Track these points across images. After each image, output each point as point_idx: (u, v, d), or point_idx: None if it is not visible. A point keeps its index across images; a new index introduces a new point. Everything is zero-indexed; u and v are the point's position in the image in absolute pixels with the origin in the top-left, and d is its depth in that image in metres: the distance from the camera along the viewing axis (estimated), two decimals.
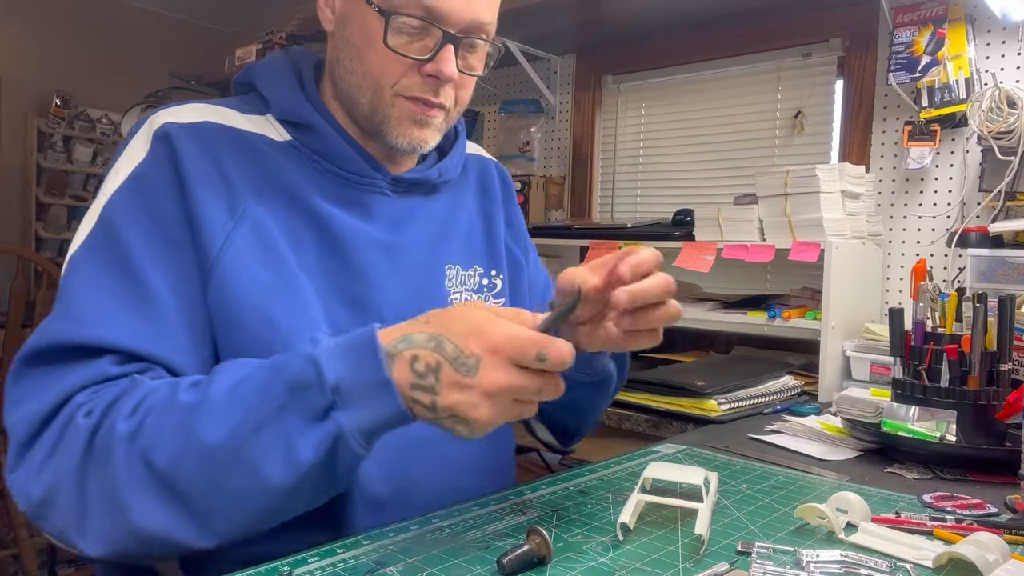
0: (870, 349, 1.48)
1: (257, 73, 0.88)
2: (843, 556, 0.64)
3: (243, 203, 0.78)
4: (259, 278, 0.76)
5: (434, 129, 0.86)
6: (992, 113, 1.57)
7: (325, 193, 0.83)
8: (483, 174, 1.05)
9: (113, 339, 0.68)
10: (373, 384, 0.61)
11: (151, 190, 0.75)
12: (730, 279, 2.05)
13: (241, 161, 0.80)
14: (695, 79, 2.24)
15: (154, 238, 0.73)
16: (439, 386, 0.61)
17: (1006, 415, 1.03)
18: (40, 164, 3.63)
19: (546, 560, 0.63)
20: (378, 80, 0.82)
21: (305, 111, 0.84)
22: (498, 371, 0.60)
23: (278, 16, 2.98)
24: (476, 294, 0.95)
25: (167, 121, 0.78)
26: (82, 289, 0.70)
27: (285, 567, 0.62)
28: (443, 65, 0.80)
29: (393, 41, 0.79)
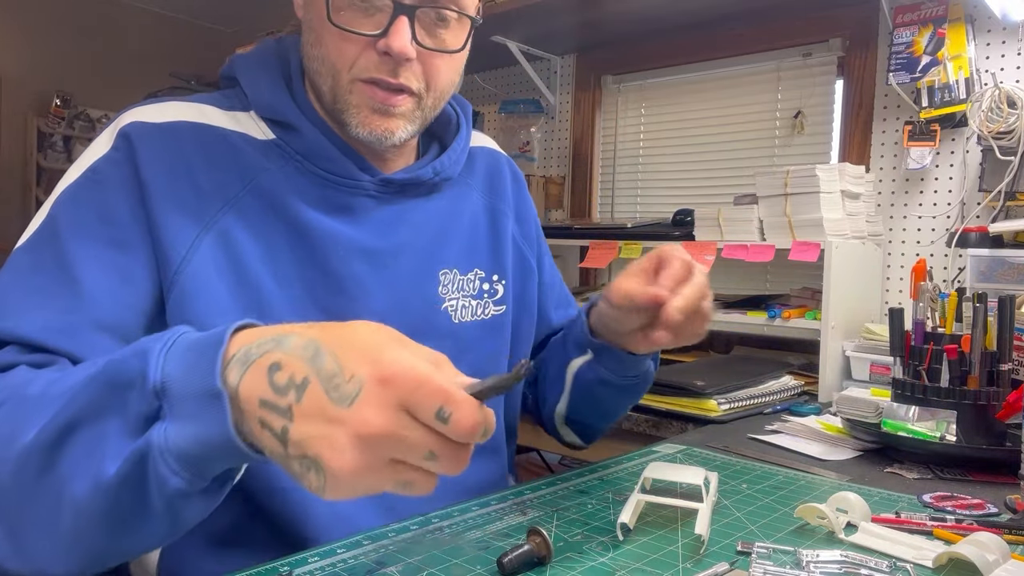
0: (870, 349, 1.48)
1: (239, 66, 0.82)
2: (843, 556, 0.64)
3: (212, 212, 0.74)
4: (219, 297, 0.72)
5: (400, 118, 0.77)
6: (992, 113, 1.57)
7: (307, 196, 0.78)
8: (492, 169, 0.98)
9: (20, 331, 0.63)
10: (201, 392, 0.47)
11: (104, 186, 0.71)
12: (730, 279, 2.05)
13: (215, 165, 0.75)
14: (695, 79, 2.24)
15: (98, 237, 0.69)
16: (297, 409, 0.45)
17: (1006, 415, 1.03)
18: (40, 164, 3.63)
19: (546, 560, 0.63)
20: (334, 63, 0.75)
21: (286, 109, 0.79)
22: (380, 409, 0.44)
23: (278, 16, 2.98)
24: (475, 299, 0.89)
25: (135, 120, 0.74)
26: (9, 282, 0.67)
27: (285, 567, 0.62)
28: (392, 39, 0.72)
29: (339, 17, 0.73)
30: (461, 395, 0.44)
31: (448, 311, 0.86)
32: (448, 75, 0.80)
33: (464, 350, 0.86)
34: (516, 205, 1.00)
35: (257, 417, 0.46)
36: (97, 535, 0.51)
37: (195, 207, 0.73)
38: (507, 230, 0.96)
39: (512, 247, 0.97)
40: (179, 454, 0.47)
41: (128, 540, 0.52)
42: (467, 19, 0.78)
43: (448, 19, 0.77)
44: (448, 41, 0.78)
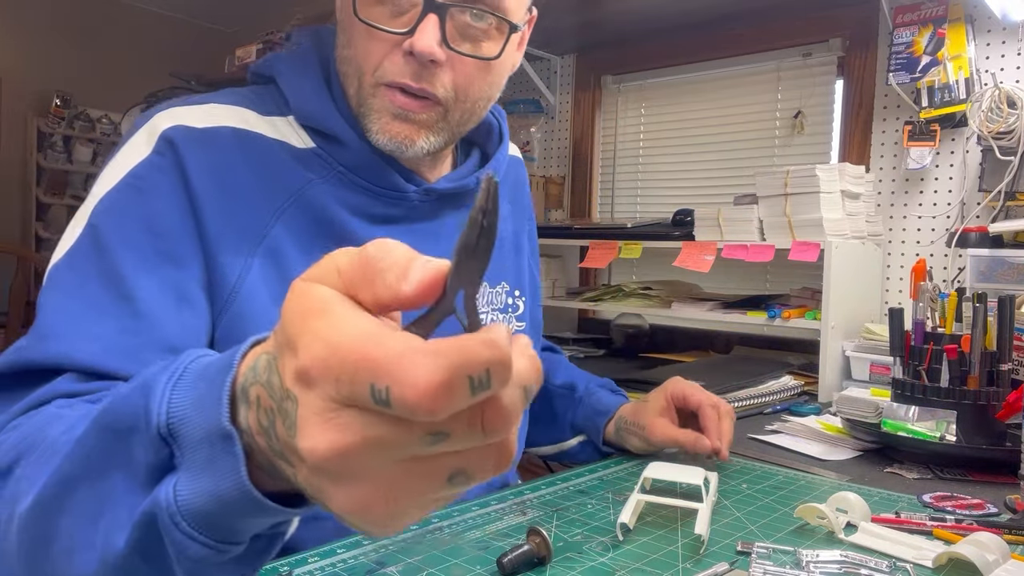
0: (870, 349, 1.48)
1: (280, 68, 0.77)
2: (843, 556, 0.64)
3: (262, 226, 0.70)
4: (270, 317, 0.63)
5: (421, 126, 0.72)
6: (992, 113, 1.57)
7: (351, 208, 0.75)
8: (518, 181, 0.97)
9: (77, 355, 0.56)
10: (209, 435, 0.35)
11: (150, 193, 0.65)
12: (730, 279, 2.05)
13: (261, 175, 0.71)
14: (695, 79, 2.24)
15: (148, 250, 0.64)
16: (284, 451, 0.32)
17: (1006, 415, 1.03)
18: (40, 164, 3.63)
19: (546, 560, 0.63)
20: (360, 64, 0.71)
21: (330, 120, 0.74)
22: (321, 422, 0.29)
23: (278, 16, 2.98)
24: (502, 313, 0.88)
25: (176, 124, 0.68)
26: (54, 302, 0.60)
27: (285, 567, 0.62)
28: (417, 39, 0.67)
29: (366, 12, 0.68)
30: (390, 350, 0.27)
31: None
32: (481, 84, 0.74)
33: None
34: (531, 217, 1.00)
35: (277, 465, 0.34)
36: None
37: (246, 221, 0.69)
38: (524, 247, 0.96)
39: (528, 265, 0.97)
40: (195, 514, 0.35)
41: None
42: (507, 24, 0.72)
43: (486, 22, 0.71)
44: (484, 47, 0.72)
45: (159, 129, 0.68)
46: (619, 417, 0.97)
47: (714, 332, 2.04)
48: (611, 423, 0.98)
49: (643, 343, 2.11)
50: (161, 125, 0.69)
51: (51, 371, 0.57)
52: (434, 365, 0.26)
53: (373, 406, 0.28)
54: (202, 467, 0.35)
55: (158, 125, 0.69)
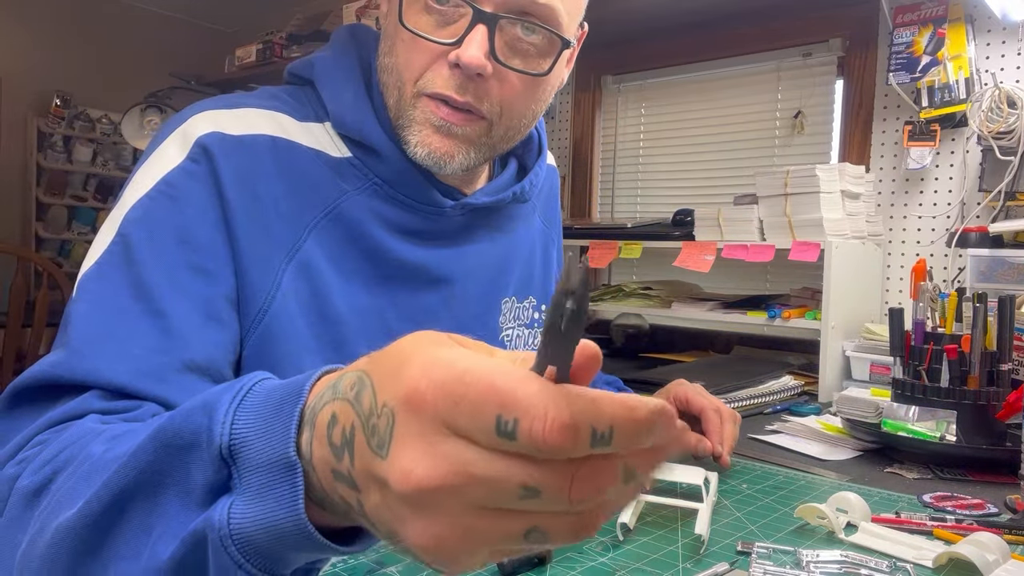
0: (870, 349, 1.48)
1: (320, 72, 0.74)
2: (843, 556, 0.64)
3: (294, 240, 0.68)
4: (301, 335, 0.67)
5: (461, 141, 0.69)
6: (992, 113, 1.57)
7: (385, 222, 0.73)
8: (552, 191, 0.95)
9: (107, 375, 0.55)
10: (271, 462, 0.35)
11: (183, 203, 0.63)
12: (730, 279, 2.05)
13: (295, 186, 0.69)
14: (695, 79, 2.24)
15: (178, 263, 0.62)
16: (355, 474, 0.32)
17: (1006, 415, 1.03)
18: (40, 164, 3.63)
19: (546, 560, 0.63)
20: (401, 73, 0.68)
21: (370, 132, 0.71)
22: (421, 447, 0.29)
23: (278, 16, 2.98)
24: (527, 328, 0.87)
25: (212, 130, 0.66)
26: (85, 315, 0.59)
27: None
28: (464, 50, 0.64)
29: (413, 20, 0.66)
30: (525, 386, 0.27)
31: (504, 341, 0.84)
32: (528, 101, 0.71)
33: None
34: (558, 229, 0.99)
35: (337, 494, 0.34)
36: None
37: (278, 236, 0.67)
38: (552, 260, 0.95)
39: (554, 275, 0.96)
40: (245, 541, 0.35)
41: None
42: (558, 39, 0.68)
43: (537, 35, 0.68)
44: (534, 62, 0.68)
45: (194, 135, 0.66)
46: None
47: (714, 332, 2.03)
48: None
49: (643, 343, 2.11)
50: (196, 131, 0.66)
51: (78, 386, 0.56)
52: (566, 405, 0.27)
53: (493, 438, 0.28)
54: (258, 493, 0.35)
55: (193, 130, 0.67)
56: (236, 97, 0.72)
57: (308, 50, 2.66)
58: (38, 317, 2.55)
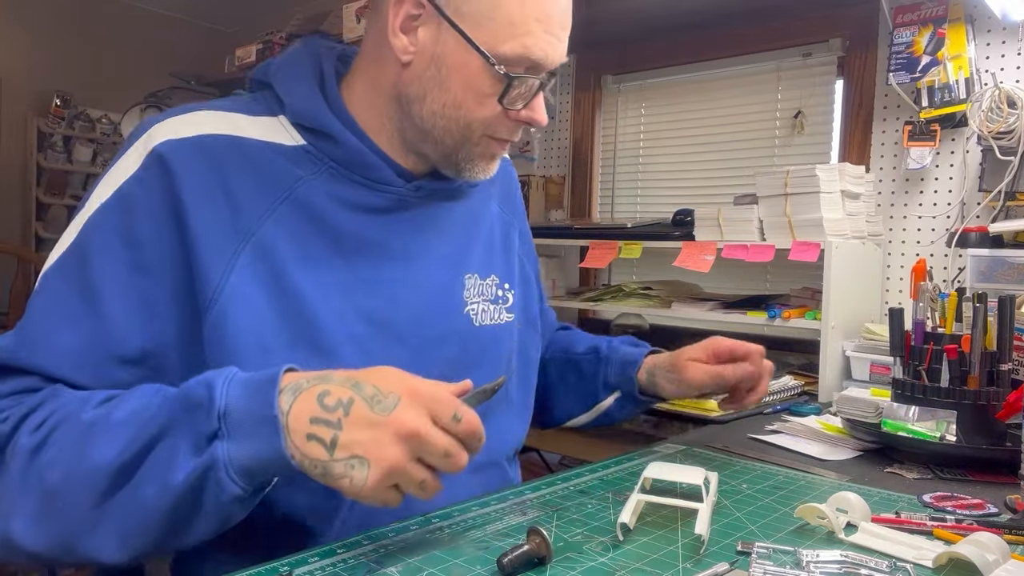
0: (870, 349, 1.48)
1: (275, 72, 0.82)
2: (843, 556, 0.64)
3: (251, 225, 0.74)
4: (260, 309, 0.73)
5: (499, 160, 0.86)
6: (992, 113, 1.57)
7: (343, 202, 0.79)
8: (508, 180, 1.02)
9: (40, 364, 0.68)
10: (259, 417, 0.59)
11: (134, 212, 0.72)
12: (730, 279, 2.05)
13: (250, 178, 0.76)
14: (695, 79, 2.24)
15: (123, 263, 0.71)
16: (346, 421, 0.59)
17: (1006, 415, 1.03)
18: (40, 164, 3.63)
19: (546, 560, 0.63)
20: (472, 126, 0.79)
21: (324, 118, 0.79)
22: (415, 413, 0.59)
23: (278, 16, 2.98)
24: (492, 304, 0.92)
25: (167, 138, 0.74)
26: (41, 309, 0.70)
27: (285, 567, 0.62)
28: (538, 114, 0.80)
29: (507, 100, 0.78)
30: (467, 406, 0.62)
31: (470, 315, 0.88)
32: None
33: (483, 352, 0.89)
34: (522, 218, 1.04)
35: (306, 433, 0.59)
36: (156, 530, 0.61)
37: (233, 223, 0.74)
38: (515, 244, 0.99)
39: (518, 262, 1.00)
40: (239, 467, 0.59)
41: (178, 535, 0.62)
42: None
43: None
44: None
45: (151, 144, 0.74)
46: (650, 364, 1.02)
47: (714, 332, 2.03)
48: (642, 371, 1.03)
49: None
50: (153, 140, 0.74)
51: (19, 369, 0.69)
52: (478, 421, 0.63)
53: (449, 421, 0.61)
54: (247, 437, 0.59)
55: (150, 140, 0.74)
56: (191, 105, 0.79)
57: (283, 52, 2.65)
58: None
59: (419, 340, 0.82)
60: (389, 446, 0.58)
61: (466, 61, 0.76)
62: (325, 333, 0.75)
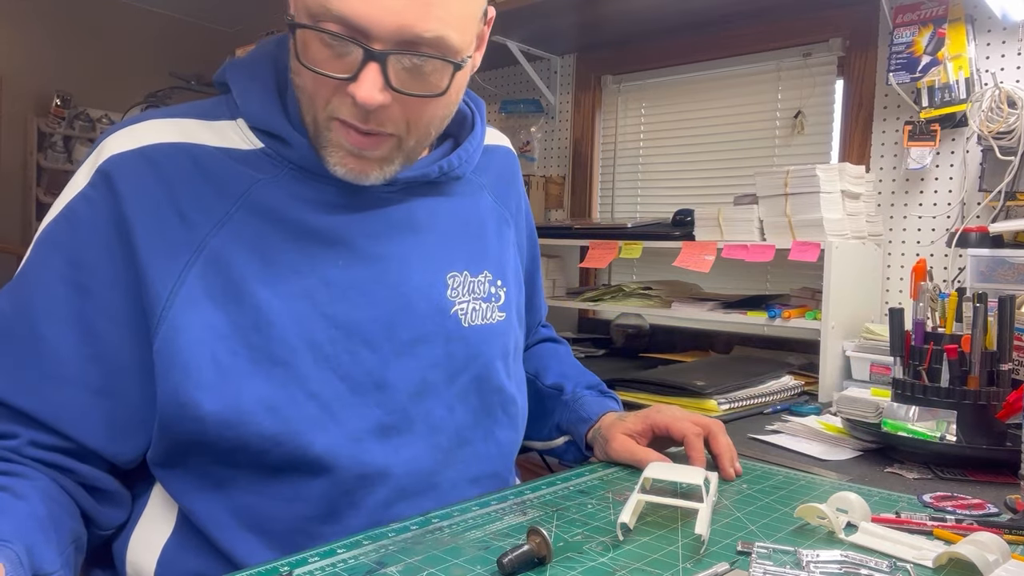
0: (870, 349, 1.48)
1: (231, 74, 0.79)
2: (843, 556, 0.64)
3: (200, 236, 0.71)
4: (214, 323, 0.70)
5: (376, 160, 0.74)
6: (992, 113, 1.57)
7: (305, 201, 0.75)
8: (506, 170, 0.96)
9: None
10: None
11: (79, 231, 0.70)
12: (730, 279, 2.05)
13: (200, 186, 0.72)
14: (695, 79, 2.24)
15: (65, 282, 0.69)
16: None
17: (1006, 415, 1.03)
18: (40, 164, 3.63)
19: (546, 560, 0.63)
20: (313, 100, 0.72)
21: (276, 121, 0.75)
22: None
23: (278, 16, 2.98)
24: (484, 302, 0.87)
25: (114, 152, 0.71)
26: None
27: (285, 567, 0.62)
28: (358, 88, 0.67)
29: (313, 56, 0.68)
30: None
31: (459, 315, 0.84)
32: (433, 113, 0.75)
33: (474, 354, 0.84)
34: (521, 209, 0.99)
35: None
36: None
37: (181, 236, 0.71)
38: (510, 238, 0.95)
39: (514, 256, 0.95)
40: None
41: None
42: (450, 64, 0.70)
43: (430, 61, 0.70)
44: (431, 83, 0.71)
45: (99, 159, 0.72)
46: (598, 425, 0.98)
47: (714, 332, 2.04)
48: (590, 431, 0.98)
49: (643, 343, 2.11)
50: (102, 154, 0.72)
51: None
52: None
53: None
54: None
55: (100, 154, 0.73)
56: (144, 114, 0.77)
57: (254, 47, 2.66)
58: None
59: (392, 344, 0.77)
60: None
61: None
62: (282, 343, 0.72)
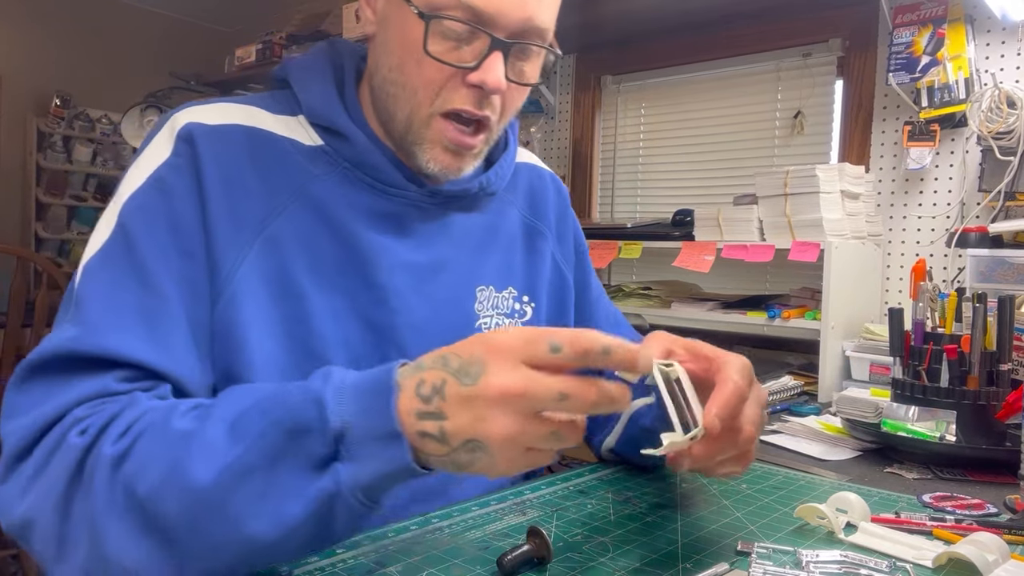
0: (870, 349, 1.48)
1: (293, 70, 0.81)
2: (843, 556, 0.64)
3: (262, 218, 0.73)
4: (262, 306, 0.72)
5: (472, 157, 0.79)
6: (992, 113, 1.57)
7: (355, 205, 0.77)
8: (534, 186, 0.97)
9: (126, 350, 0.63)
10: (381, 435, 0.53)
11: (171, 195, 0.70)
12: (730, 279, 2.05)
13: (266, 170, 0.75)
14: (695, 79, 2.24)
15: (170, 248, 0.69)
16: (446, 407, 0.52)
17: (1006, 415, 1.03)
18: (40, 164, 3.63)
19: (546, 560, 0.63)
20: (417, 93, 0.74)
21: (338, 118, 0.77)
22: (506, 371, 0.51)
23: (278, 16, 2.98)
24: (507, 318, 0.88)
25: (191, 121, 0.73)
26: (97, 296, 0.65)
27: (285, 567, 0.62)
28: (487, 74, 0.71)
29: (435, 47, 0.71)
30: (559, 329, 0.53)
31: (482, 328, 0.85)
32: (519, 102, 0.80)
33: None
34: (557, 224, 0.98)
35: (416, 431, 0.53)
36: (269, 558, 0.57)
37: (247, 214, 0.73)
38: (546, 251, 0.95)
39: (551, 268, 0.95)
40: (365, 488, 0.54)
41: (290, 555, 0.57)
42: (546, 50, 0.78)
43: (531, 52, 0.76)
44: (528, 73, 0.77)
45: (176, 128, 0.73)
46: None
47: (714, 332, 2.03)
48: None
49: None
50: (179, 124, 0.73)
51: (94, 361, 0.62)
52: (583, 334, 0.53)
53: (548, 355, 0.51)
54: (371, 457, 0.53)
55: (176, 125, 0.74)
56: (215, 98, 0.79)
57: (307, 50, 2.66)
58: (38, 317, 2.54)
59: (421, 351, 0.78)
60: (492, 419, 0.51)
61: (401, 14, 0.72)
62: (320, 337, 0.74)
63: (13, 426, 0.61)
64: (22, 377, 0.63)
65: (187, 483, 0.54)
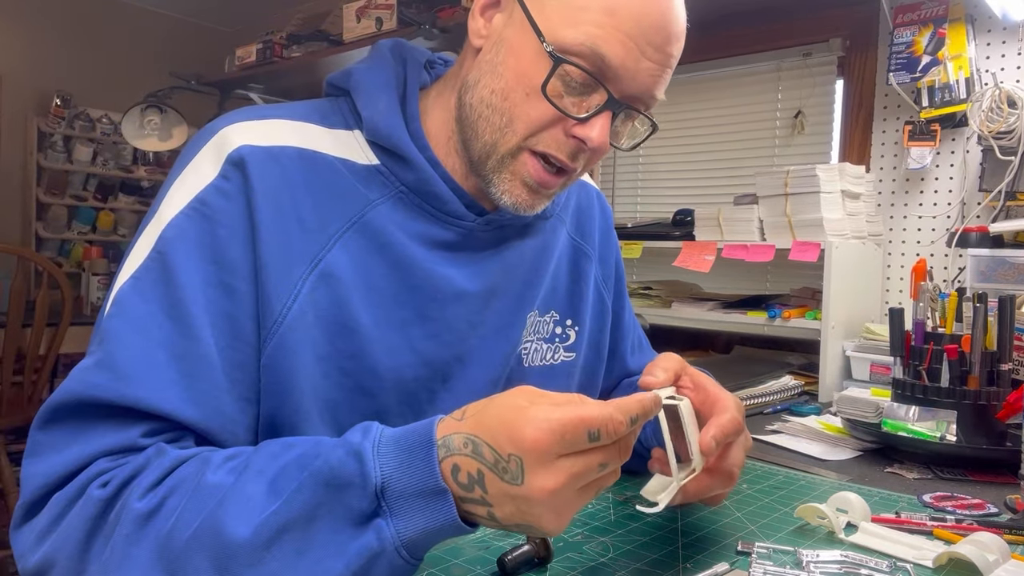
0: (870, 349, 1.48)
1: (356, 83, 0.76)
2: (843, 556, 0.64)
3: (317, 251, 0.69)
4: (317, 344, 0.68)
5: (548, 198, 0.75)
6: (992, 113, 1.57)
7: (411, 232, 0.74)
8: (584, 205, 0.94)
9: (154, 403, 0.60)
10: (424, 491, 0.52)
11: (218, 223, 0.65)
12: (730, 279, 2.05)
13: (321, 198, 0.70)
14: (695, 79, 2.24)
15: (211, 282, 0.64)
16: (489, 498, 0.52)
17: (1006, 415, 1.03)
18: (40, 164, 3.63)
19: (546, 560, 0.63)
20: (514, 123, 0.71)
21: (400, 140, 0.73)
22: (547, 472, 0.51)
23: (278, 16, 2.98)
24: (547, 343, 0.86)
25: (244, 143, 0.68)
26: (126, 335, 0.61)
27: None
28: (594, 131, 0.69)
29: (552, 90, 0.68)
30: (593, 410, 0.51)
31: (521, 354, 0.83)
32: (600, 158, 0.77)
33: None
34: (601, 246, 0.95)
35: (463, 509, 0.53)
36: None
37: (301, 246, 0.68)
38: (590, 274, 0.92)
39: (593, 291, 0.93)
40: (409, 544, 0.52)
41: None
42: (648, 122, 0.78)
43: (633, 116, 0.75)
44: (621, 134, 0.77)
45: (226, 149, 0.68)
46: None
47: (714, 332, 2.03)
48: None
49: None
50: (228, 144, 0.68)
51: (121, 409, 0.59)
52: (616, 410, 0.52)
53: (586, 444, 0.51)
54: (415, 512, 0.52)
55: (225, 143, 0.68)
56: (264, 109, 0.74)
57: (308, 50, 2.66)
58: (38, 317, 2.55)
59: (467, 383, 0.78)
60: (544, 512, 0.52)
61: (524, 43, 0.69)
62: (373, 374, 0.71)
63: (33, 469, 0.60)
64: (46, 418, 0.61)
65: (223, 538, 0.52)
